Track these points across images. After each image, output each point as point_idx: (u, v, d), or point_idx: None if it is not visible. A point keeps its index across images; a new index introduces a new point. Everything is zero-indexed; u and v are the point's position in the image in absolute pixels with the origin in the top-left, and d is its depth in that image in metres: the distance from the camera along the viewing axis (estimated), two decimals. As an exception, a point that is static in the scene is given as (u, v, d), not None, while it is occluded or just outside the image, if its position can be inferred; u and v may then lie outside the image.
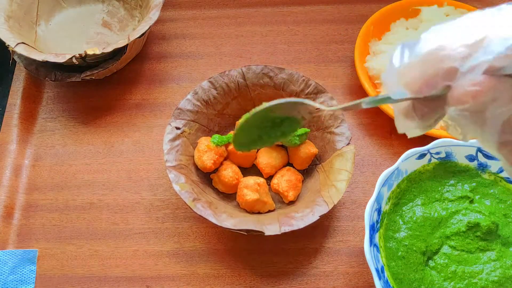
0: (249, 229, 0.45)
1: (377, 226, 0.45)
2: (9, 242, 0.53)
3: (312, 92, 0.53)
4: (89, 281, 0.51)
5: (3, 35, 0.57)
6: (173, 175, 0.48)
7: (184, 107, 0.53)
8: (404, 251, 0.45)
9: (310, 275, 0.50)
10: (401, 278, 0.45)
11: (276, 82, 0.54)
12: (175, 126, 0.52)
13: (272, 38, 0.68)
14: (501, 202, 0.48)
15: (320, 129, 0.53)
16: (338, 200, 0.46)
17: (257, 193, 0.49)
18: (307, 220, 0.45)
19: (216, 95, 0.54)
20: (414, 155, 0.47)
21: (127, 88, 0.64)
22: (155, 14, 0.59)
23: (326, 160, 0.51)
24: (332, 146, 0.51)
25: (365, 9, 0.70)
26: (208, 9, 0.71)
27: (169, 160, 0.49)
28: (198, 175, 0.52)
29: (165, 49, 0.67)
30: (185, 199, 0.47)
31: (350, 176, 0.48)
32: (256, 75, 0.55)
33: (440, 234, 0.46)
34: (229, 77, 0.54)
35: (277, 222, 0.46)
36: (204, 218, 0.46)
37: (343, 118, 0.51)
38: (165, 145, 0.50)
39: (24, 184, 0.57)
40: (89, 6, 0.68)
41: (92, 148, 0.59)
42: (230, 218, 0.46)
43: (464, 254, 0.45)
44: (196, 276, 0.51)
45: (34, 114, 0.62)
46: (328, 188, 0.48)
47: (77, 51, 0.55)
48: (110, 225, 0.54)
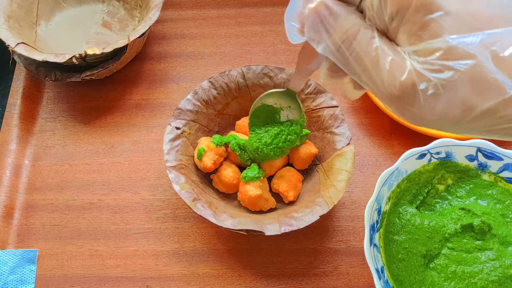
0: (249, 229, 0.45)
1: (377, 226, 0.45)
2: (9, 242, 0.53)
3: (312, 92, 0.53)
4: (89, 281, 0.51)
5: (3, 35, 0.57)
6: (173, 175, 0.48)
7: (184, 107, 0.53)
8: (404, 254, 0.45)
9: (310, 275, 0.50)
10: (401, 279, 0.45)
11: (276, 82, 0.54)
12: (175, 126, 0.52)
13: (272, 38, 0.68)
14: (499, 202, 0.48)
15: (320, 129, 0.53)
16: (338, 200, 0.46)
17: (260, 189, 0.49)
18: (307, 220, 0.45)
19: (216, 95, 0.54)
20: (414, 155, 0.47)
21: (127, 88, 0.64)
22: (155, 14, 0.59)
23: (326, 160, 0.51)
24: (332, 146, 0.51)
25: (365, 9, 0.70)
26: (208, 9, 0.71)
27: (169, 160, 0.49)
28: (198, 175, 0.52)
29: (165, 49, 0.67)
30: (185, 199, 0.47)
31: (350, 176, 0.48)
32: (256, 75, 0.55)
33: (439, 237, 0.46)
34: (229, 77, 0.54)
35: (277, 222, 0.46)
36: (204, 218, 0.46)
37: (343, 118, 0.51)
38: (165, 145, 0.50)
39: (24, 184, 0.57)
40: (89, 6, 0.68)
41: (92, 148, 0.59)
42: (230, 218, 0.46)
43: (462, 254, 0.46)
44: (196, 276, 0.51)
45: (34, 114, 0.62)
46: (328, 188, 0.48)
47: (77, 51, 0.55)
48: (110, 225, 0.54)
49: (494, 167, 0.48)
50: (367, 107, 0.61)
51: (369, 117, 0.60)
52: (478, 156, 0.48)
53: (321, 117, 0.53)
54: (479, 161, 0.49)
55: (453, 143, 0.48)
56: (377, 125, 0.60)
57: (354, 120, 0.60)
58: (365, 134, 0.59)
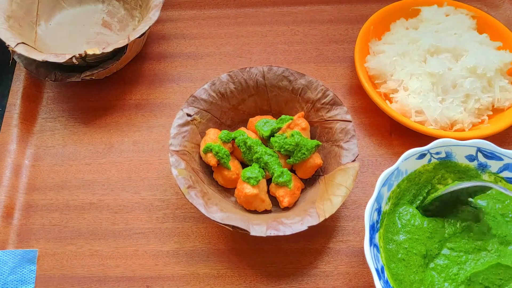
0: (235, 226, 0.45)
1: (377, 226, 0.45)
2: (9, 242, 0.53)
3: (328, 103, 0.53)
4: (89, 281, 0.51)
5: (3, 35, 0.57)
6: (174, 159, 0.48)
7: (199, 96, 0.53)
8: (404, 254, 0.45)
9: (310, 275, 0.50)
10: (401, 279, 0.45)
11: (294, 87, 0.54)
12: (186, 112, 0.52)
13: (272, 38, 0.68)
14: (499, 202, 0.48)
15: (330, 141, 0.53)
16: (331, 214, 0.46)
17: (257, 188, 0.49)
18: (294, 228, 0.45)
19: (233, 90, 0.54)
20: (414, 155, 0.47)
21: (127, 88, 0.64)
22: (155, 14, 0.59)
23: (329, 173, 0.51)
24: (338, 160, 0.51)
25: (365, 9, 0.70)
26: (208, 9, 0.71)
27: (174, 144, 0.49)
28: (201, 164, 0.52)
29: (165, 49, 0.67)
30: (180, 185, 0.47)
31: (348, 193, 0.47)
32: (276, 76, 0.55)
33: (439, 237, 0.46)
34: (249, 74, 0.55)
35: (265, 224, 0.46)
36: (202, 216, 0.46)
37: (353, 134, 0.51)
38: (172, 129, 0.50)
39: (24, 184, 0.57)
40: (89, 6, 0.68)
41: (92, 148, 0.59)
42: (219, 212, 0.46)
43: (462, 254, 0.46)
44: (196, 276, 0.51)
45: (34, 114, 0.62)
46: (324, 201, 0.48)
47: (77, 51, 0.55)
48: (110, 225, 0.54)
49: (494, 167, 0.48)
50: (367, 107, 0.61)
51: (369, 117, 0.60)
52: (478, 156, 0.48)
53: (332, 129, 0.52)
54: (479, 161, 0.49)
55: (453, 143, 0.48)
56: (377, 125, 0.60)
57: (354, 120, 0.60)
58: (365, 134, 0.59)
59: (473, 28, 0.62)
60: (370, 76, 0.60)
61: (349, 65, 0.65)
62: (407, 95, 0.57)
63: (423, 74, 0.57)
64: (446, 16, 0.63)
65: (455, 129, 0.56)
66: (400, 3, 0.64)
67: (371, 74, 0.60)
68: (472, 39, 0.59)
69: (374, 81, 0.60)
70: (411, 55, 0.59)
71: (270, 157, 0.50)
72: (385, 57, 0.59)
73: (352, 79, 0.64)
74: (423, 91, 0.56)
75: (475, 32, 0.61)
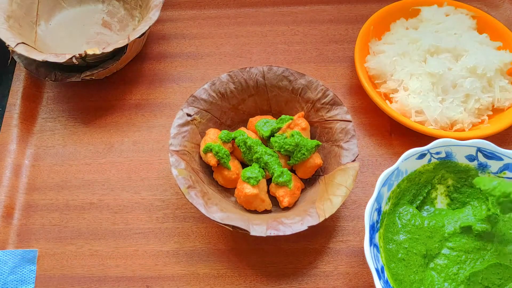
0: (235, 226, 0.45)
1: (377, 226, 0.45)
2: (9, 242, 0.53)
3: (328, 103, 0.53)
4: (89, 281, 0.51)
5: (3, 35, 0.57)
6: (174, 159, 0.48)
7: (199, 96, 0.53)
8: (404, 254, 0.45)
9: (310, 275, 0.50)
10: (401, 279, 0.45)
11: (294, 87, 0.54)
12: (186, 112, 0.52)
13: (272, 38, 0.68)
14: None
15: (330, 141, 0.53)
16: (331, 214, 0.46)
17: (257, 188, 0.49)
18: (294, 228, 0.45)
19: (233, 89, 0.54)
20: (414, 155, 0.47)
21: (127, 88, 0.64)
22: (155, 14, 0.59)
23: (329, 173, 0.51)
24: (338, 160, 0.51)
25: (365, 9, 0.70)
26: (208, 9, 0.71)
27: (174, 144, 0.49)
28: (201, 164, 0.52)
29: (165, 49, 0.67)
30: (180, 185, 0.47)
31: (348, 193, 0.47)
32: (276, 76, 0.55)
33: (439, 237, 0.46)
34: (249, 74, 0.55)
35: (265, 224, 0.46)
36: (204, 216, 0.46)
37: (353, 134, 0.51)
38: (172, 129, 0.50)
39: (24, 184, 0.57)
40: (89, 6, 0.68)
41: (92, 148, 0.59)
42: (219, 212, 0.46)
43: (462, 254, 0.46)
44: (196, 276, 0.51)
45: (34, 114, 0.62)
46: (324, 201, 0.48)
47: (77, 51, 0.55)
48: (110, 225, 0.54)
49: (494, 167, 0.48)
50: (367, 107, 0.61)
51: (369, 117, 0.60)
52: (478, 156, 0.48)
53: (332, 129, 0.52)
54: (479, 161, 0.49)
55: (453, 143, 0.48)
56: (377, 125, 0.60)
57: (354, 120, 0.60)
58: (365, 134, 0.59)
59: (473, 28, 0.62)
60: (370, 76, 0.60)
61: (349, 65, 0.65)
62: (407, 95, 0.57)
63: (423, 74, 0.57)
64: (446, 16, 0.63)
65: (455, 129, 0.56)
66: (400, 3, 0.65)
67: (371, 74, 0.60)
68: (472, 39, 0.59)
69: (374, 81, 0.60)
70: (411, 55, 0.59)
71: (270, 157, 0.50)
72: (385, 57, 0.59)
73: (352, 79, 0.64)
74: (423, 91, 0.56)
75: (475, 32, 0.61)
